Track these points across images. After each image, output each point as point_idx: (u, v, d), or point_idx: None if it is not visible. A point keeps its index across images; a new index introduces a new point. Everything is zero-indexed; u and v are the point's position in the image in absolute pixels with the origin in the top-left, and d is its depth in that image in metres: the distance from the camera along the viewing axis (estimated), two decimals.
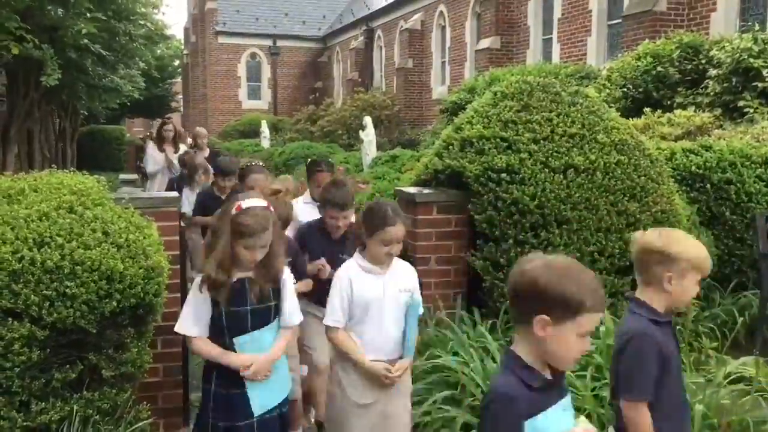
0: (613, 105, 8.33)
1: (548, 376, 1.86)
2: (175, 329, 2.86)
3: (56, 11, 10.36)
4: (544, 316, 1.79)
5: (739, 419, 3.19)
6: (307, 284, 3.72)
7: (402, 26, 23.69)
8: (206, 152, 8.89)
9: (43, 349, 2.79)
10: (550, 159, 4.28)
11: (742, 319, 4.84)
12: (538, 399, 1.81)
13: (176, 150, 8.68)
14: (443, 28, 21.58)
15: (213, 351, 2.80)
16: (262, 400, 2.82)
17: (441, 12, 21.50)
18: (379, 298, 2.96)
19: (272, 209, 2.87)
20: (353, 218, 3.88)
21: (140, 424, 3.14)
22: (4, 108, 13.25)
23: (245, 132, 25.17)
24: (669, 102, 9.12)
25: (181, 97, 39.65)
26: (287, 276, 2.95)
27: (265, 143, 20.14)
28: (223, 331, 2.78)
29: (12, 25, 8.98)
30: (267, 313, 2.84)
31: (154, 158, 8.62)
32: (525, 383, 1.81)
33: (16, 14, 9.15)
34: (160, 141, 8.78)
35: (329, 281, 3.14)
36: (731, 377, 3.59)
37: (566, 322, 1.78)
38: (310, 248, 3.87)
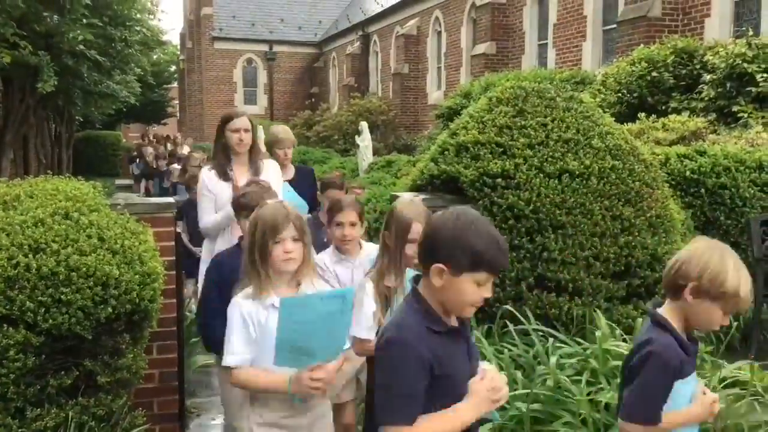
0: (607, 110, 8.36)
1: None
2: None
3: (52, 18, 10.37)
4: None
5: (734, 423, 3.20)
6: None
7: (398, 32, 23.73)
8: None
9: (39, 355, 2.79)
10: (545, 164, 4.30)
11: (736, 323, 4.85)
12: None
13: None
14: (439, 33, 21.64)
15: None
16: None
17: (437, 17, 21.55)
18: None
19: None
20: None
21: (136, 430, 3.14)
22: (0, 114, 13.24)
23: None
24: (663, 107, 9.16)
25: (177, 102, 39.66)
26: None
27: (262, 148, 20.12)
28: None
29: (8, 31, 8.99)
30: None
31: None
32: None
33: (12, 21, 9.15)
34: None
35: None
36: (726, 381, 3.60)
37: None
38: None
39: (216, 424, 4.43)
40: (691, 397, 2.24)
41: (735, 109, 8.12)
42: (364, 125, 13.96)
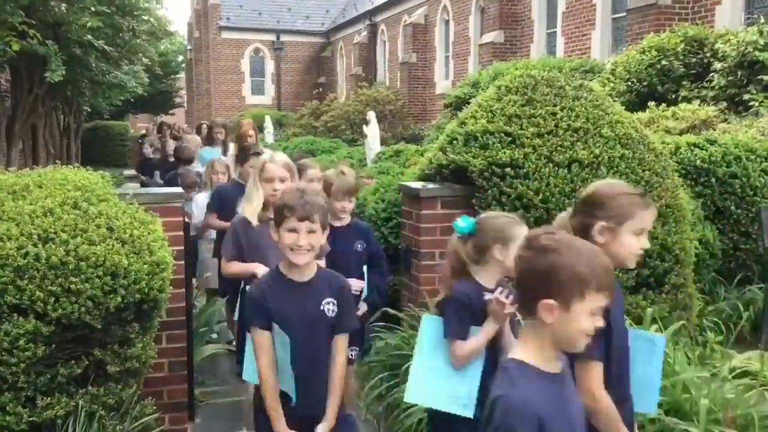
0: (617, 99, 8.31)
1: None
2: None
3: (60, 7, 10.36)
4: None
5: (743, 413, 3.19)
6: None
7: (406, 21, 23.63)
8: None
9: (49, 344, 2.80)
10: (554, 153, 4.27)
11: (747, 313, 4.84)
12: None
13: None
14: (447, 22, 21.54)
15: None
16: None
17: (445, 6, 21.45)
18: None
19: None
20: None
21: (145, 419, 3.15)
22: (9, 104, 13.27)
23: None
24: (674, 96, 9.09)
25: (184, 92, 39.65)
26: None
27: (269, 138, 20.15)
28: None
29: (16, 20, 8.99)
30: None
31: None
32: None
33: (19, 10, 9.15)
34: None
35: None
36: (736, 371, 3.59)
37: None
38: None
39: (224, 413, 4.45)
40: None
41: (746, 97, 8.05)
42: (371, 115, 13.92)
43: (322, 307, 2.63)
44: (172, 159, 8.97)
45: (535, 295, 1.71)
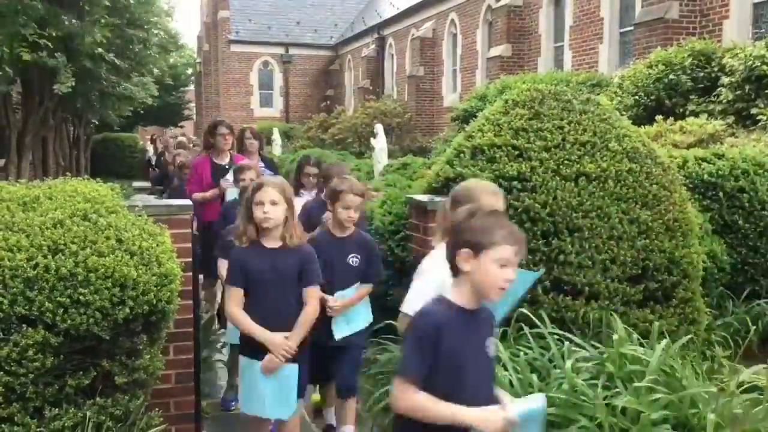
0: (624, 113, 8.33)
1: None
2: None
3: (70, 21, 10.47)
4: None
5: (752, 429, 3.17)
6: None
7: (413, 34, 23.74)
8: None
9: (57, 355, 2.81)
10: (561, 167, 4.28)
11: (755, 327, 4.81)
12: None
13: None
14: (454, 36, 21.62)
15: None
16: None
17: (452, 20, 21.54)
18: None
19: None
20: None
21: (152, 430, 3.15)
22: (19, 116, 13.37)
23: None
24: (681, 110, 9.09)
25: (193, 105, 39.87)
26: None
27: (277, 150, 20.22)
28: None
29: (28, 32, 9.08)
30: None
31: None
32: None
33: (32, 23, 9.25)
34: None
35: None
36: (744, 386, 3.56)
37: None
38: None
39: (231, 425, 4.45)
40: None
41: (754, 111, 8.05)
42: (379, 128, 13.96)
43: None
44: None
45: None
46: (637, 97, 9.51)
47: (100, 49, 11.28)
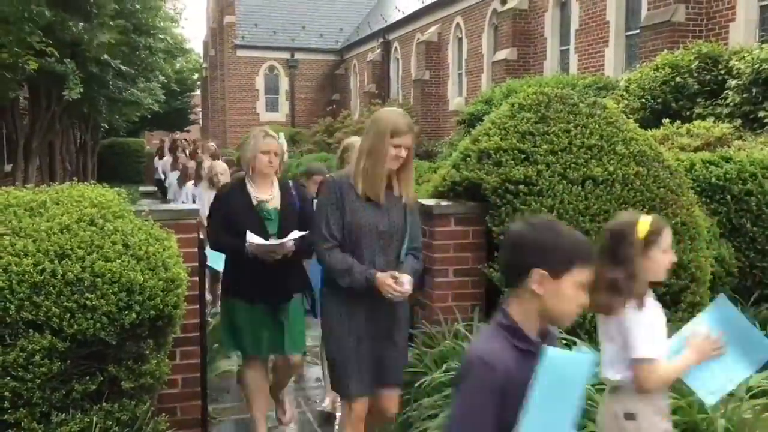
0: (631, 116, 8.29)
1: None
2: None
3: (77, 26, 10.51)
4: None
5: None
6: None
7: (419, 38, 23.75)
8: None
9: (64, 360, 2.82)
10: (568, 170, 4.27)
11: (763, 332, 4.77)
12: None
13: None
14: (460, 40, 21.61)
15: None
16: None
17: (458, 24, 21.54)
18: None
19: None
20: None
21: None
22: (27, 121, 13.44)
23: None
24: (688, 113, 9.06)
25: (200, 109, 40.00)
26: None
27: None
28: None
29: (34, 39, 9.12)
30: None
31: None
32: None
33: (38, 30, 9.28)
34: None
35: None
36: (753, 391, 3.54)
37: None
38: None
39: (237, 430, 4.44)
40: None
41: (761, 114, 8.01)
42: None
43: None
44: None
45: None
46: (643, 100, 9.48)
47: (106, 56, 11.33)
